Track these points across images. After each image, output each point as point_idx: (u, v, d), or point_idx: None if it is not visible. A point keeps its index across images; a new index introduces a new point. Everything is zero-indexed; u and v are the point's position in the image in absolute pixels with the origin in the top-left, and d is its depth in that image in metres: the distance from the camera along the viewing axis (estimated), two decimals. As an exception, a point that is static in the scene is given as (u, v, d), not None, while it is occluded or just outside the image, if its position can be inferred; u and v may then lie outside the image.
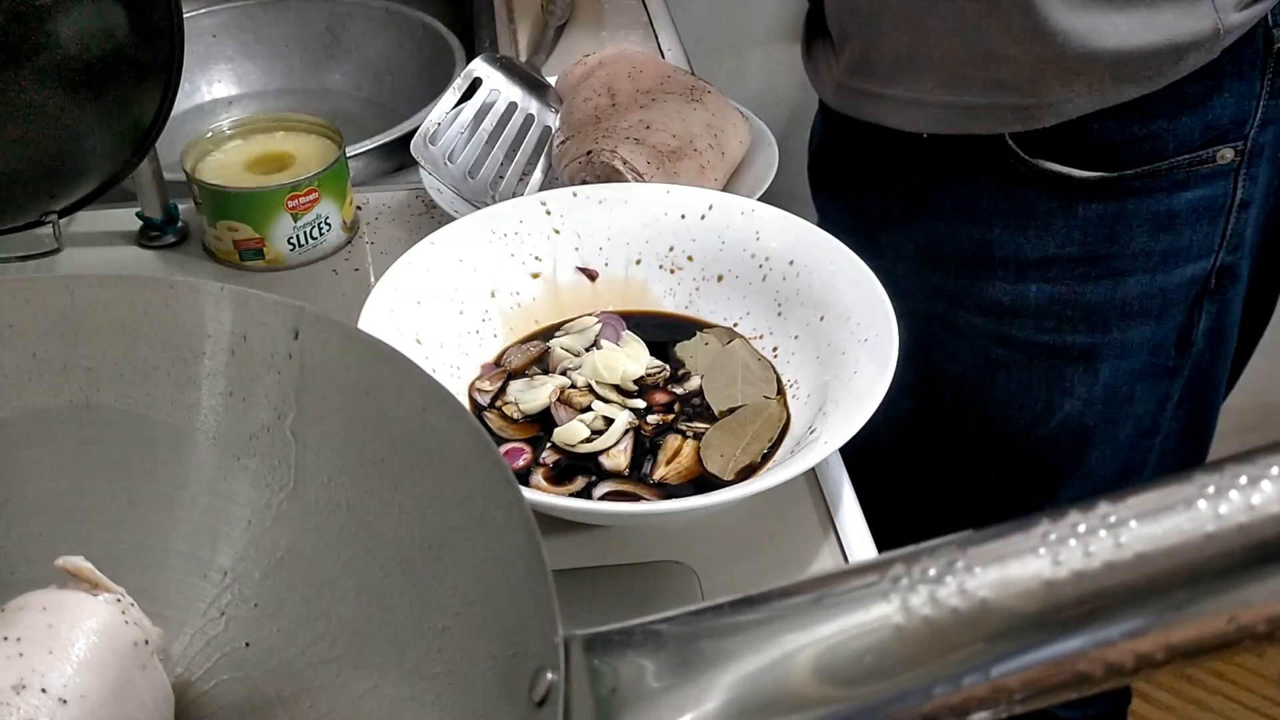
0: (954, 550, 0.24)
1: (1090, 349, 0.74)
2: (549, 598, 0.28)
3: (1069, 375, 0.75)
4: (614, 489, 0.54)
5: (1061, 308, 0.73)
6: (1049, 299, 0.73)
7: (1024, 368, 0.76)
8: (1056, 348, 0.75)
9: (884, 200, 0.79)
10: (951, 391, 0.82)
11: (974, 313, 0.77)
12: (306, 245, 0.72)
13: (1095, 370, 0.75)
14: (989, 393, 0.79)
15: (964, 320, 0.78)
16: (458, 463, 0.35)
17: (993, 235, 0.73)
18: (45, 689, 0.35)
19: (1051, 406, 0.77)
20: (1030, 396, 0.77)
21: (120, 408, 0.42)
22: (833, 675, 0.24)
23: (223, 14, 1.00)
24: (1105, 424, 0.77)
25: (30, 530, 0.42)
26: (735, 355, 0.60)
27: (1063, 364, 0.75)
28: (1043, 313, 0.74)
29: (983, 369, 0.78)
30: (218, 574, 0.41)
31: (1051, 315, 0.74)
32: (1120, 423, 0.78)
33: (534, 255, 0.63)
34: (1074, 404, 0.76)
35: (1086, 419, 0.77)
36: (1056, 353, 0.75)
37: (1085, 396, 0.76)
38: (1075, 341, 0.74)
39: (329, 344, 0.39)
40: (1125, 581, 0.22)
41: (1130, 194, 0.69)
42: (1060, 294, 0.73)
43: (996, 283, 0.74)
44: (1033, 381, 0.77)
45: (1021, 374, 0.77)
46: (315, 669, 0.38)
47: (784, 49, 1.60)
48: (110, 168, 0.66)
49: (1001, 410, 0.79)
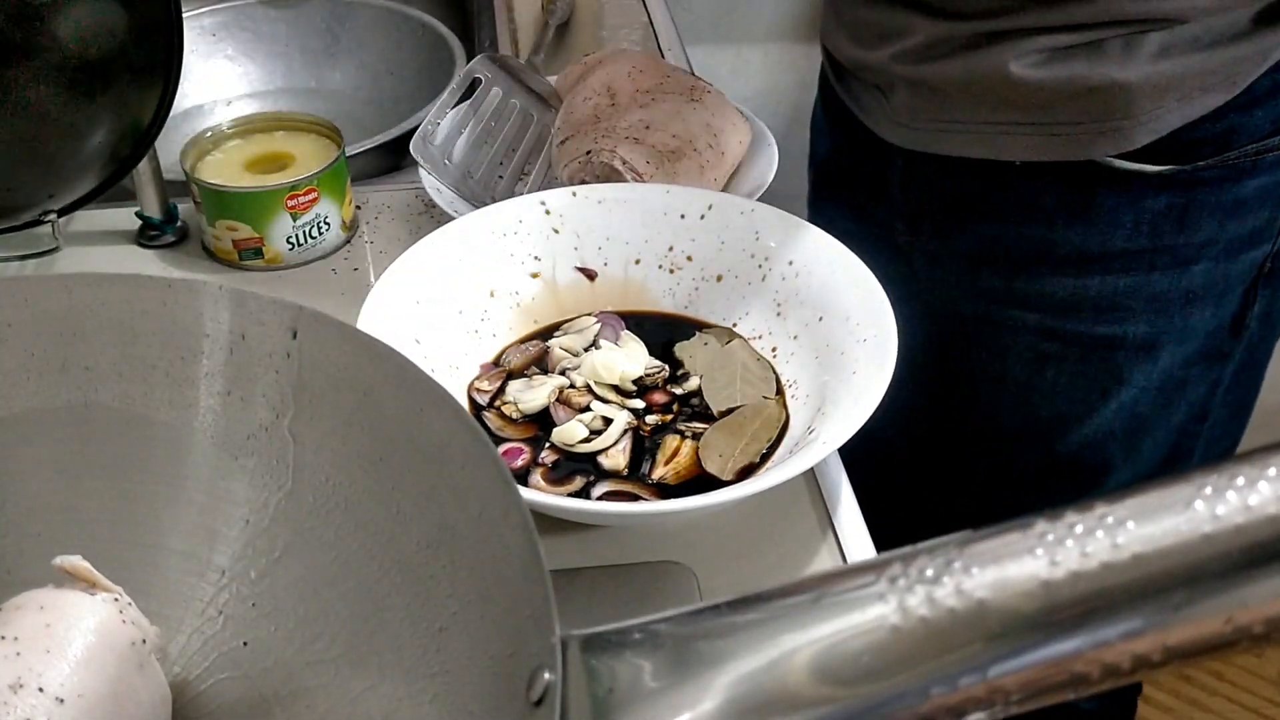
0: (951, 550, 0.24)
1: (1151, 338, 0.74)
2: (546, 597, 0.28)
3: (1127, 365, 0.75)
4: (612, 489, 0.54)
5: (1124, 299, 0.73)
6: (1111, 291, 0.72)
7: (1079, 360, 0.76)
8: (1115, 339, 0.74)
9: (922, 210, 0.78)
10: (993, 392, 0.81)
11: (1025, 309, 0.76)
12: (306, 245, 0.72)
13: (1155, 358, 0.74)
14: (1037, 390, 0.78)
15: (1012, 317, 0.76)
16: (456, 462, 0.35)
17: (1055, 234, 0.72)
18: (43, 688, 0.35)
19: (1108, 396, 0.76)
20: (1083, 389, 0.77)
21: (118, 407, 0.42)
22: (830, 675, 0.24)
23: (222, 13, 1.00)
24: (1159, 411, 0.77)
25: (28, 529, 0.42)
26: (734, 355, 0.60)
27: (1120, 354, 0.75)
28: (1103, 305, 0.73)
29: (1032, 366, 0.77)
30: (215, 573, 0.41)
31: (1113, 307, 0.73)
32: (1174, 409, 0.77)
33: (533, 255, 0.63)
34: (1130, 392, 0.76)
35: (1140, 407, 0.77)
36: (1115, 344, 0.74)
37: (1142, 384, 0.76)
38: (1136, 332, 0.73)
39: (327, 343, 0.39)
40: (1122, 582, 0.22)
41: (1199, 185, 0.69)
42: (1123, 285, 0.72)
43: (1054, 278, 0.73)
44: (1087, 374, 0.76)
45: (1075, 367, 0.76)
46: (312, 668, 0.38)
47: (783, 49, 1.60)
48: (109, 167, 0.66)
49: (1050, 407, 0.78)
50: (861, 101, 0.78)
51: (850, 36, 0.76)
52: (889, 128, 0.75)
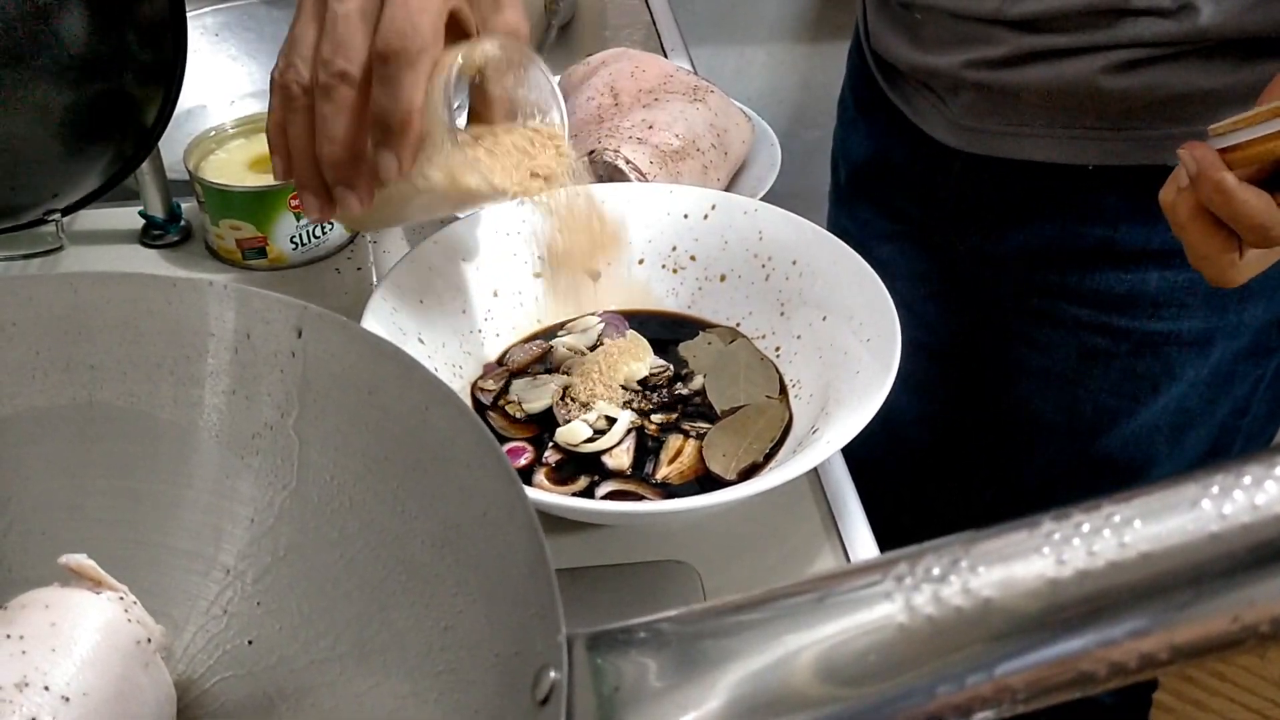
0: (957, 549, 0.24)
1: (1206, 333, 0.74)
2: (552, 596, 0.28)
3: (1179, 360, 0.75)
4: (616, 488, 0.54)
5: (1182, 294, 0.73)
6: (1169, 286, 0.72)
7: (1130, 355, 0.76)
8: (1170, 334, 0.74)
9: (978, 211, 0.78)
10: (1034, 387, 0.81)
11: (1078, 305, 0.76)
12: (309, 244, 0.72)
13: (1207, 353, 0.75)
14: (1083, 385, 0.78)
15: (1065, 313, 0.77)
16: (460, 461, 0.35)
17: (1118, 233, 0.72)
18: (48, 687, 0.35)
19: (1157, 391, 0.76)
20: (1132, 384, 0.77)
21: (123, 406, 0.42)
22: (836, 675, 0.24)
23: (225, 13, 1.00)
24: (1206, 406, 0.77)
25: (33, 528, 0.42)
26: (738, 355, 0.60)
27: (1174, 350, 0.75)
28: (1160, 301, 0.73)
29: (1081, 361, 0.77)
30: (220, 572, 0.41)
31: (1170, 303, 0.73)
32: (1219, 404, 0.78)
33: (536, 254, 0.63)
34: (1180, 387, 0.76)
35: (1188, 401, 0.77)
36: (1169, 339, 0.74)
37: (1192, 379, 0.76)
38: (1191, 327, 0.74)
39: (332, 342, 0.39)
40: (1129, 581, 0.22)
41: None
42: (1182, 280, 0.72)
43: (1113, 273, 0.74)
44: (1138, 369, 0.76)
45: (1125, 362, 0.76)
46: (317, 667, 0.38)
47: (786, 49, 1.61)
48: (113, 166, 0.66)
49: (1095, 402, 0.78)
50: (915, 104, 0.78)
51: (912, 41, 0.75)
52: (948, 131, 0.76)
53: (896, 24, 0.77)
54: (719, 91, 0.76)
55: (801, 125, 1.56)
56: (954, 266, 0.82)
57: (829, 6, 1.58)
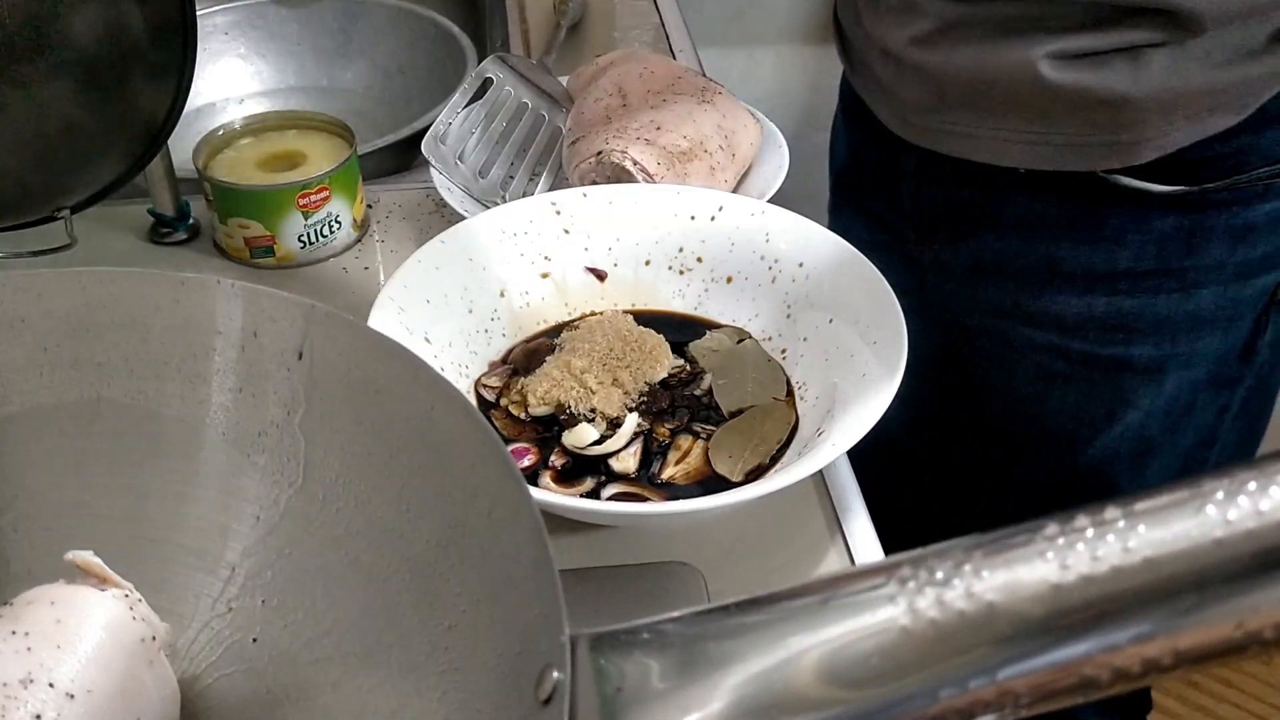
0: (961, 553, 0.24)
1: (1157, 361, 0.73)
2: (556, 596, 0.28)
3: (1132, 387, 0.74)
4: (622, 490, 0.54)
5: (1130, 320, 0.71)
6: (1117, 312, 0.71)
7: (1085, 381, 0.75)
8: (1121, 360, 0.73)
9: (932, 217, 0.77)
10: (1001, 405, 0.80)
11: (1032, 327, 0.74)
12: (317, 243, 0.72)
13: (1160, 382, 0.73)
14: (1045, 406, 0.77)
15: (1020, 334, 0.75)
16: (466, 461, 0.35)
17: (1061, 251, 0.71)
18: (53, 683, 0.35)
19: (1113, 418, 0.75)
20: (1090, 409, 0.76)
21: (130, 403, 0.42)
22: (839, 677, 0.24)
23: (235, 11, 1.00)
24: (1166, 435, 0.76)
25: (39, 524, 0.42)
26: (745, 356, 0.60)
27: (1127, 376, 0.74)
28: (1109, 325, 0.72)
29: (1039, 383, 0.76)
30: (225, 569, 0.41)
31: (1119, 328, 0.72)
32: (1180, 433, 0.76)
33: (543, 255, 0.63)
34: (1136, 415, 0.75)
35: (1148, 430, 0.75)
36: (1121, 365, 0.73)
37: (1147, 408, 0.74)
38: (1142, 354, 0.72)
39: (339, 341, 0.39)
40: (1133, 586, 0.22)
41: (1209, 206, 0.67)
42: (1129, 307, 0.71)
43: (1060, 297, 0.72)
44: (1094, 394, 0.75)
45: (1082, 387, 0.75)
46: (321, 665, 0.38)
47: (794, 50, 1.60)
48: (123, 164, 0.66)
49: (1057, 423, 0.77)
50: (871, 92, 0.77)
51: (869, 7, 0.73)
52: (896, 122, 0.74)
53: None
54: (727, 93, 0.76)
55: (810, 127, 1.56)
56: (925, 279, 0.81)
57: (838, 9, 1.57)
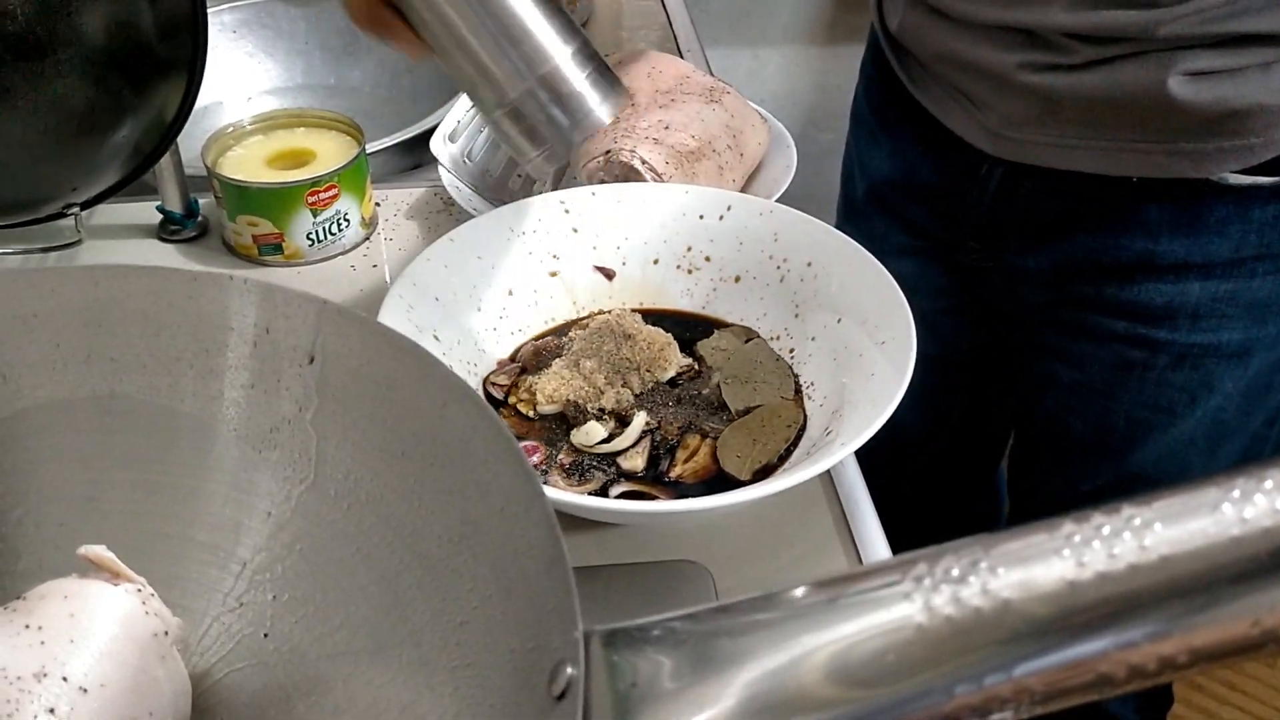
0: (977, 550, 0.24)
1: (1246, 344, 0.73)
2: (569, 592, 0.28)
3: (1217, 372, 0.74)
4: (630, 488, 0.54)
5: (1223, 305, 0.72)
6: (1210, 297, 0.71)
7: (1168, 369, 0.74)
8: (1210, 346, 0.73)
9: (1011, 225, 0.76)
10: (1061, 400, 0.80)
11: (1114, 317, 0.74)
12: (325, 241, 0.72)
13: (1246, 364, 0.74)
14: (1115, 399, 0.77)
15: (1098, 325, 0.75)
16: (478, 457, 0.35)
17: (1159, 245, 0.70)
18: (66, 677, 0.35)
19: (1195, 403, 0.75)
20: (1169, 397, 0.75)
21: (143, 398, 0.42)
22: (852, 674, 0.24)
23: (244, 10, 1.00)
24: (1240, 417, 0.76)
25: (52, 519, 0.42)
26: (753, 354, 0.60)
27: (1213, 361, 0.74)
28: (1201, 312, 0.72)
29: (1115, 372, 0.76)
30: (237, 565, 0.41)
31: (1212, 314, 0.72)
32: (1254, 414, 0.77)
33: (552, 254, 0.63)
34: (1217, 399, 0.75)
35: (1225, 413, 0.76)
36: (1209, 351, 0.73)
37: (1230, 390, 0.75)
38: (1231, 339, 0.73)
39: (351, 338, 0.39)
40: (1149, 584, 0.22)
41: None
42: (1223, 291, 0.71)
43: (1152, 285, 0.72)
44: (1175, 382, 0.75)
45: (1162, 375, 0.75)
46: (333, 660, 0.39)
47: (801, 51, 1.60)
48: (132, 161, 0.67)
49: (1127, 414, 0.77)
50: (945, 108, 0.76)
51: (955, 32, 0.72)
52: (984, 138, 0.73)
53: (941, 15, 0.73)
54: (735, 93, 0.76)
55: (816, 128, 1.56)
56: (976, 281, 0.80)
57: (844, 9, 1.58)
